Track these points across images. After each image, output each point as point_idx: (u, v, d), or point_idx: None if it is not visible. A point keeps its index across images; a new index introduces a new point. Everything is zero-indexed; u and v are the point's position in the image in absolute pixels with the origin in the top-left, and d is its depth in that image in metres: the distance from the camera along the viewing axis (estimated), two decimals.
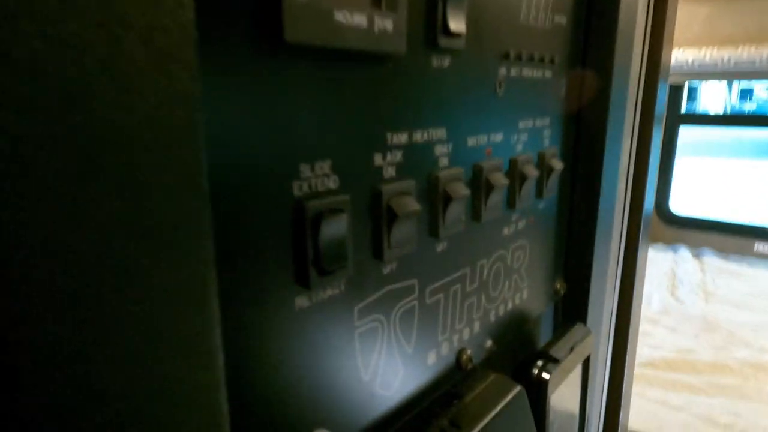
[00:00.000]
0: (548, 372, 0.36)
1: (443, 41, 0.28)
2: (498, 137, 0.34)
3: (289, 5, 0.19)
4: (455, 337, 0.34)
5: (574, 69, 0.42)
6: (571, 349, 0.40)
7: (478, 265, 0.35)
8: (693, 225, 3.32)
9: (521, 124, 0.36)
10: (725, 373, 1.83)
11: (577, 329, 0.42)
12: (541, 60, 0.36)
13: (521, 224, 0.38)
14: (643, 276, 0.75)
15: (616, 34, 0.42)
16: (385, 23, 0.23)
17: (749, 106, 12.57)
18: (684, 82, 3.14)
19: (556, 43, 0.38)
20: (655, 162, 0.69)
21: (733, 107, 11.98)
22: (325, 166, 0.23)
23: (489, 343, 0.37)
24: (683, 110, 3.70)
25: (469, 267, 0.34)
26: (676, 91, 3.18)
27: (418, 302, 0.30)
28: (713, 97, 11.41)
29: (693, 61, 2.93)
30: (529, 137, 0.37)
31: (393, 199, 0.26)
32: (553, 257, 0.43)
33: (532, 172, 0.36)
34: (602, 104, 0.43)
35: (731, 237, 3.18)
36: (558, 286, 0.43)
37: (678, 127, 3.27)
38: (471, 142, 0.32)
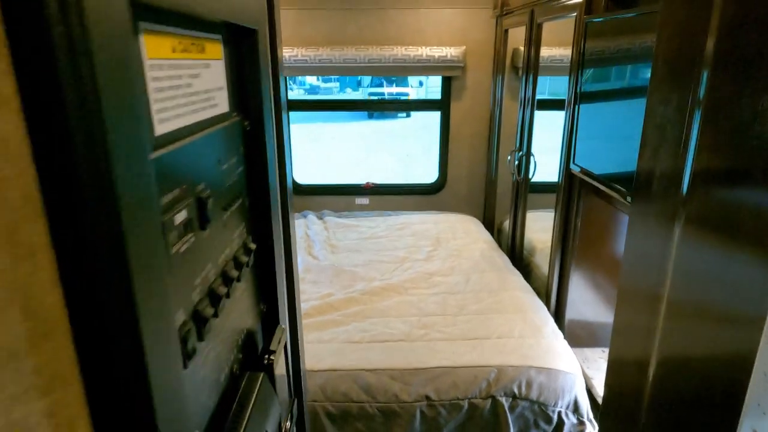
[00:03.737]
0: (270, 360, 0.60)
1: None
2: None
3: None
4: (229, 361, 0.54)
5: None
6: (278, 341, 0.64)
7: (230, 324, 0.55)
8: (314, 191, 4.09)
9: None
10: (353, 304, 2.49)
11: (278, 329, 0.68)
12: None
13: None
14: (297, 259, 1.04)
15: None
16: None
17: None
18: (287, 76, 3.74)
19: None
20: (290, 142, 0.87)
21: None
22: None
23: (240, 356, 0.58)
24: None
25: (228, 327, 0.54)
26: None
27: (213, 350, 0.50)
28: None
29: (290, 58, 3.54)
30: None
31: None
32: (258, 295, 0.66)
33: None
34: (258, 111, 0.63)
35: (340, 196, 4.09)
36: (262, 306, 0.67)
37: (287, 111, 3.88)
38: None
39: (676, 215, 1.04)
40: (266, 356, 0.61)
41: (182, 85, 0.43)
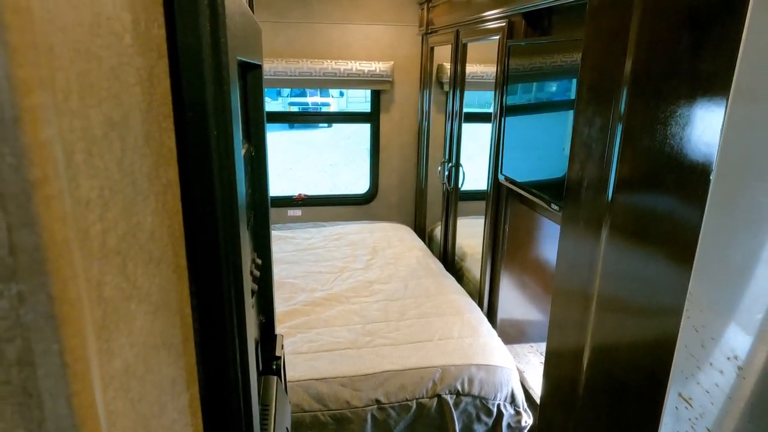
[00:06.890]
0: (277, 366, 0.66)
1: None
2: None
3: None
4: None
5: None
6: (281, 348, 0.70)
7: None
8: None
9: None
10: (297, 315, 2.51)
11: (279, 337, 0.73)
12: None
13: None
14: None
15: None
16: None
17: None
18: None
19: None
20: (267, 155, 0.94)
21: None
22: None
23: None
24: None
25: None
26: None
27: None
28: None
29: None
30: None
31: None
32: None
33: None
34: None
35: (271, 208, 4.06)
36: (261, 318, 0.72)
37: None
38: None
39: (603, 220, 1.20)
40: (274, 362, 0.66)
41: None
